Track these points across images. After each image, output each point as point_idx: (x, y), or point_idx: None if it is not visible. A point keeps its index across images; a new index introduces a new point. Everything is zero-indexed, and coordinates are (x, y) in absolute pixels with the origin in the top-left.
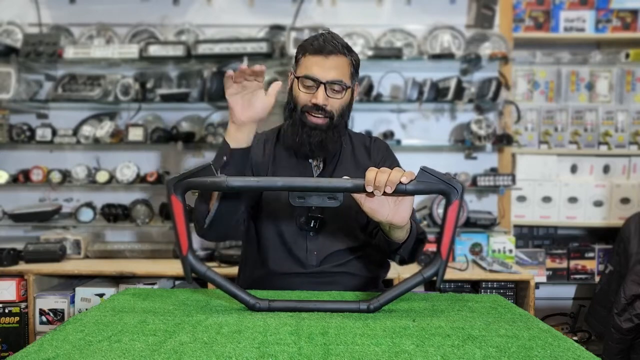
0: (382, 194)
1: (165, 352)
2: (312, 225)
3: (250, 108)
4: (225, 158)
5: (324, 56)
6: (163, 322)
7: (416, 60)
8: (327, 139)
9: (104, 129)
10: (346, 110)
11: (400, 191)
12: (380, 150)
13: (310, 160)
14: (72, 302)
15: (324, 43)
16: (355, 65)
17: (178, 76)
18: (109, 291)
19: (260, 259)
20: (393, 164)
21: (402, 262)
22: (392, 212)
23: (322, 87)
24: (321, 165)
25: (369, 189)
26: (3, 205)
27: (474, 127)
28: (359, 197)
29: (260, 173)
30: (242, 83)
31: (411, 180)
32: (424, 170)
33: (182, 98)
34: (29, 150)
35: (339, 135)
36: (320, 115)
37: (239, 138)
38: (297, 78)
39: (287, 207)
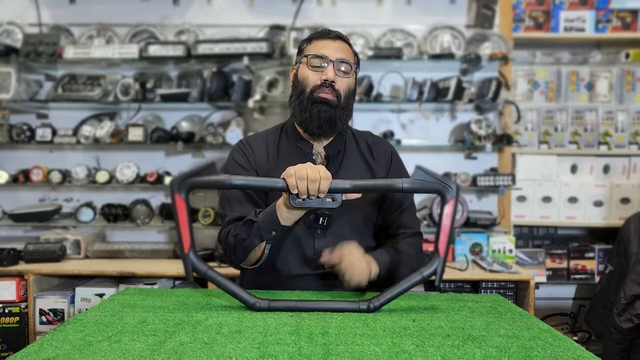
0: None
1: (165, 352)
2: (320, 223)
3: None
4: (274, 233)
5: (331, 39)
6: (163, 322)
7: (416, 60)
8: (337, 116)
9: (104, 129)
10: (352, 94)
11: (396, 189)
12: (386, 155)
13: (313, 157)
14: (72, 302)
15: (329, 30)
16: (357, 57)
17: (178, 76)
18: (109, 291)
19: (268, 262)
20: (401, 173)
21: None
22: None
23: (331, 64)
24: (325, 162)
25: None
26: (3, 205)
27: (474, 127)
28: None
29: (264, 173)
30: None
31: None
32: (419, 168)
33: (182, 98)
34: (29, 150)
35: (346, 117)
36: (329, 91)
37: (289, 219)
38: (306, 57)
39: None
